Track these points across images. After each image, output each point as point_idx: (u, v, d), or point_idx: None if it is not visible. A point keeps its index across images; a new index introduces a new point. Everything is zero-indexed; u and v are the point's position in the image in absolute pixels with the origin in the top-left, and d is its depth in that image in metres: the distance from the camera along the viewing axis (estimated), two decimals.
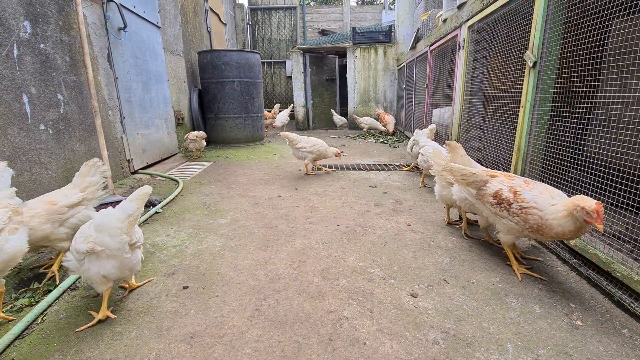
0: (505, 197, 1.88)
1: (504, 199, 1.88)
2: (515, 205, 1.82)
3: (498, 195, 1.92)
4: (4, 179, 1.76)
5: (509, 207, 1.86)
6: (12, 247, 1.54)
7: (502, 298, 1.75)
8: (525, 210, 1.78)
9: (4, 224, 1.54)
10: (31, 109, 2.73)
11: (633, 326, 1.54)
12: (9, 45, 2.55)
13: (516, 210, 1.82)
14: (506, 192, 1.89)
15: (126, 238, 1.55)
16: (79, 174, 2.16)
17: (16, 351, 1.44)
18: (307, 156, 4.32)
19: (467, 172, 2.09)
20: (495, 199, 1.93)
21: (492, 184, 1.99)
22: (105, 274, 1.55)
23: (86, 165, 2.17)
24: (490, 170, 2.10)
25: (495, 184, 1.97)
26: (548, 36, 2.32)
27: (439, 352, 1.40)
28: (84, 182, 2.14)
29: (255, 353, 1.41)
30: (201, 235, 2.58)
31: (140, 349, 1.44)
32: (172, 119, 5.59)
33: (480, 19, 3.43)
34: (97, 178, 2.19)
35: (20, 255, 1.61)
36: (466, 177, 2.11)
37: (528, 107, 2.51)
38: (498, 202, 1.92)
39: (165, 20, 5.55)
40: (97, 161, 2.20)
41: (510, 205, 1.85)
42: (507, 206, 1.86)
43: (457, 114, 4.16)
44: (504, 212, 1.89)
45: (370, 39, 9.16)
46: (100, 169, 2.21)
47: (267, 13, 12.26)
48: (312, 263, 2.14)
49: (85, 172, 2.16)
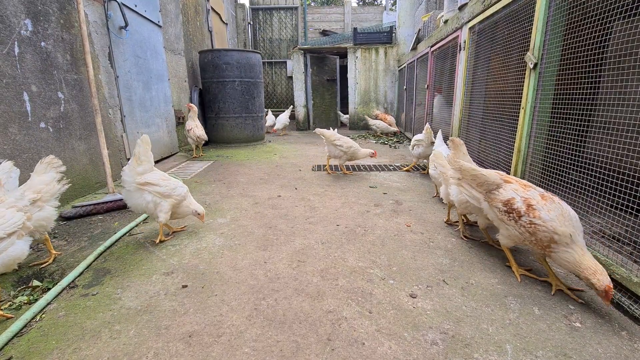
0: (517, 207, 1.79)
1: (514, 209, 1.81)
2: (525, 219, 1.75)
3: (509, 204, 1.84)
4: (12, 180, 1.74)
5: (518, 218, 1.79)
6: (14, 252, 1.55)
7: (501, 299, 1.75)
8: (535, 226, 1.71)
9: (17, 227, 1.56)
10: (32, 107, 2.73)
11: (632, 328, 1.53)
12: (10, 42, 2.55)
13: (525, 223, 1.75)
14: (519, 203, 1.80)
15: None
16: (35, 173, 2.05)
17: (15, 349, 1.44)
18: (342, 155, 4.29)
19: (478, 173, 2.00)
20: (505, 206, 1.86)
21: (505, 191, 1.89)
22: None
23: (41, 163, 2.07)
24: (504, 174, 2.00)
25: (509, 191, 1.88)
26: (549, 38, 2.32)
27: (438, 353, 1.40)
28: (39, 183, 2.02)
29: (253, 352, 1.40)
30: (200, 234, 2.58)
31: (138, 348, 1.43)
32: (172, 118, 5.60)
33: (481, 20, 3.43)
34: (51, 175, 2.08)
35: (18, 260, 1.61)
36: (476, 177, 2.02)
37: (528, 109, 2.52)
38: (507, 211, 1.84)
39: (166, 20, 5.56)
40: (53, 158, 2.12)
41: (519, 217, 1.78)
42: (517, 217, 1.79)
43: (458, 115, 4.16)
44: (511, 221, 1.83)
45: (371, 40, 9.16)
46: (54, 165, 2.11)
47: (269, 13, 12.27)
48: (311, 263, 2.14)
49: (41, 170, 2.06)
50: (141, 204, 2.31)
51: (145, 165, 2.34)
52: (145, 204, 2.30)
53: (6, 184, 1.69)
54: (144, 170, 2.33)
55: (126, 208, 3.14)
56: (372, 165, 5.01)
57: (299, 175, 4.44)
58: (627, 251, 1.80)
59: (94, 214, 2.97)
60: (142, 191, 2.30)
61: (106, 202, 3.05)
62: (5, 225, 1.51)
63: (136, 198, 2.32)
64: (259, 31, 12.40)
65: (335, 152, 4.31)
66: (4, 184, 1.68)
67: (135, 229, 2.68)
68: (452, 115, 4.40)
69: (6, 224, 1.52)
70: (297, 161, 5.40)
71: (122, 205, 3.11)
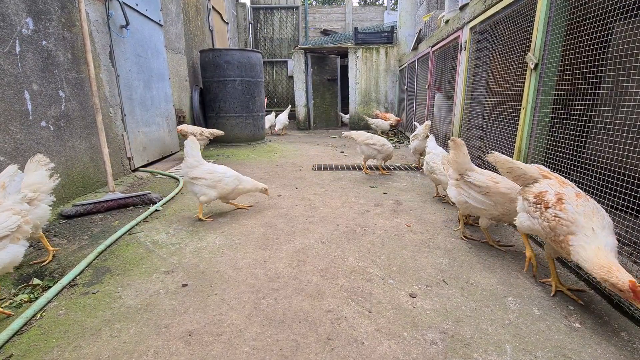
0: (547, 199, 1.71)
1: (543, 201, 1.72)
2: (552, 211, 1.65)
3: (541, 195, 1.76)
4: (15, 183, 1.74)
5: (544, 209, 1.70)
6: (7, 256, 1.54)
7: (500, 299, 1.75)
8: (558, 220, 1.60)
9: (10, 231, 1.54)
10: (32, 106, 2.73)
11: (632, 329, 1.54)
12: (11, 41, 2.55)
13: (549, 216, 1.65)
14: (550, 195, 1.71)
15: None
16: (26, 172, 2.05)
17: (15, 347, 1.44)
18: (376, 155, 4.24)
19: (514, 166, 1.90)
20: (535, 198, 1.78)
21: (541, 184, 1.82)
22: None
23: (31, 162, 2.09)
24: (545, 170, 1.92)
25: (544, 185, 1.80)
26: (550, 38, 2.32)
27: (437, 353, 1.40)
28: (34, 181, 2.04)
29: (253, 351, 1.41)
30: (201, 233, 2.58)
31: (138, 346, 1.44)
32: (173, 117, 5.60)
33: (482, 20, 3.43)
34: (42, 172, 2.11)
35: (13, 265, 1.60)
36: (512, 170, 1.91)
37: (529, 109, 2.51)
38: (536, 202, 1.77)
39: (167, 19, 5.56)
40: (41, 157, 2.15)
41: (546, 209, 1.69)
42: (544, 208, 1.70)
43: (458, 115, 4.16)
44: (537, 212, 1.75)
45: (372, 40, 9.16)
46: (43, 163, 2.15)
47: (269, 12, 12.28)
48: (311, 262, 2.14)
49: (32, 169, 2.08)
50: (193, 191, 2.87)
51: (191, 160, 2.83)
52: (196, 191, 2.85)
53: (9, 187, 1.69)
54: (192, 165, 2.83)
55: (127, 207, 3.15)
56: (373, 165, 5.01)
57: (299, 175, 4.44)
58: (627, 252, 1.80)
59: (95, 213, 2.98)
60: (192, 184, 2.84)
61: (107, 200, 3.05)
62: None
63: (190, 187, 2.89)
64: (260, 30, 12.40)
65: (369, 152, 4.25)
66: (7, 187, 1.69)
67: (135, 227, 2.68)
68: (453, 116, 4.40)
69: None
70: (297, 161, 5.40)
71: (122, 204, 3.11)
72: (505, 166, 1.92)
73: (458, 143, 2.35)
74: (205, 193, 2.80)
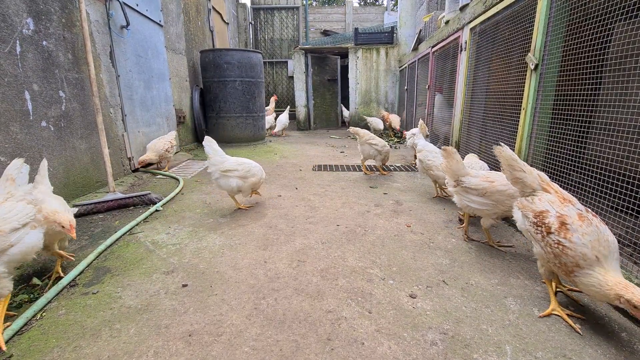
0: (548, 222, 1.59)
1: (545, 224, 1.60)
2: (554, 237, 1.54)
3: (541, 216, 1.63)
4: (22, 175, 1.80)
5: (546, 234, 1.58)
6: (30, 241, 1.62)
7: (501, 300, 1.75)
8: (563, 248, 1.51)
9: (30, 218, 1.63)
10: (33, 106, 2.74)
11: (632, 330, 1.54)
12: (11, 41, 2.55)
13: (552, 242, 1.55)
14: (552, 217, 1.59)
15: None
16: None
17: (15, 347, 1.44)
18: (376, 155, 4.28)
19: (517, 165, 1.79)
20: (536, 218, 1.66)
21: (540, 200, 1.69)
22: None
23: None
24: (545, 180, 1.78)
25: (544, 202, 1.66)
26: (550, 39, 2.32)
27: (437, 353, 1.40)
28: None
29: (253, 352, 1.41)
30: (201, 233, 2.58)
31: (138, 346, 1.44)
32: (173, 117, 5.60)
33: (482, 21, 3.44)
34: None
35: (35, 250, 1.66)
36: (513, 168, 1.80)
37: (529, 110, 2.52)
38: (537, 224, 1.65)
39: (167, 19, 5.56)
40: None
41: (548, 234, 1.57)
42: (545, 233, 1.59)
43: (459, 116, 4.16)
44: (538, 235, 1.64)
45: (372, 40, 9.16)
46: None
47: (270, 13, 12.28)
48: (311, 263, 2.14)
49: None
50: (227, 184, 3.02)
51: (217, 158, 3.07)
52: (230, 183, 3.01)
53: (17, 179, 1.76)
54: (218, 161, 3.04)
55: (127, 207, 3.15)
56: (373, 166, 5.01)
57: (299, 175, 4.44)
58: (627, 253, 1.80)
59: (95, 213, 2.98)
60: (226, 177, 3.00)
61: (107, 200, 3.05)
62: (19, 216, 1.59)
63: (223, 181, 3.02)
64: (260, 31, 12.41)
65: (370, 151, 4.27)
66: (15, 179, 1.75)
67: (135, 228, 2.68)
68: (453, 116, 4.40)
69: (19, 215, 1.60)
70: (297, 161, 5.40)
71: (122, 204, 3.12)
72: (508, 163, 1.82)
73: (449, 151, 2.33)
74: (239, 184, 2.99)
